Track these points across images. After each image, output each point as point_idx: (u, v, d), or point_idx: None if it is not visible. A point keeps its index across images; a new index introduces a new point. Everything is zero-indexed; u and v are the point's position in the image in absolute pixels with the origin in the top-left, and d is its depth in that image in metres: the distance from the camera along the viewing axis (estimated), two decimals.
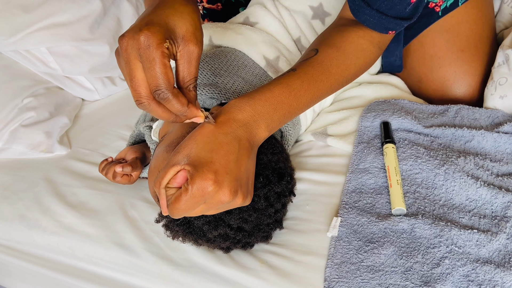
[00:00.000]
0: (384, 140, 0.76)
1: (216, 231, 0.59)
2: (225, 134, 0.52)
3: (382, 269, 0.60)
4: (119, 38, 0.47)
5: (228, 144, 0.51)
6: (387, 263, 0.61)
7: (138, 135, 0.83)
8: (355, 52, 0.66)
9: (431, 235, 0.63)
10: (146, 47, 0.45)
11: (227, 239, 0.61)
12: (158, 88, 0.46)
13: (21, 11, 0.90)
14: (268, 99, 0.56)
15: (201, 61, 0.75)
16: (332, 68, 0.63)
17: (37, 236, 0.74)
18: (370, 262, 0.61)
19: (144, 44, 0.45)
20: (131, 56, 0.46)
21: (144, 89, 0.47)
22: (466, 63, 0.88)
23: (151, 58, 0.45)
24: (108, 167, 0.76)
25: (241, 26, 0.81)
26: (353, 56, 0.66)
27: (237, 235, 0.61)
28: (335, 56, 0.64)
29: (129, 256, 0.69)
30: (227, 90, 0.71)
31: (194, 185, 0.48)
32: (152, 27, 0.46)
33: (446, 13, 0.88)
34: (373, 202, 0.69)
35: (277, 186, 0.61)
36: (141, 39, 0.45)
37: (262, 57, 0.78)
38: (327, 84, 0.63)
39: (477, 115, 0.80)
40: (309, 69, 0.61)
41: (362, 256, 0.62)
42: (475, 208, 0.67)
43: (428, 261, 0.60)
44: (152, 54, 0.45)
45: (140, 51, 0.46)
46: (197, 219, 0.58)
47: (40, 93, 0.94)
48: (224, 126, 0.53)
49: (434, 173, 0.71)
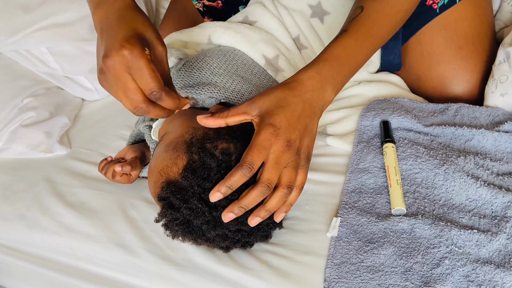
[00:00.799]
0: (384, 140, 0.76)
1: (214, 231, 0.59)
2: (293, 96, 0.59)
3: (382, 269, 0.60)
4: (103, 59, 0.52)
5: (295, 104, 0.58)
6: (387, 263, 0.61)
7: (138, 134, 0.83)
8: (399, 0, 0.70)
9: (431, 235, 0.62)
10: (133, 59, 0.51)
11: (226, 239, 0.61)
12: (153, 90, 0.53)
13: (21, 11, 0.90)
14: (332, 64, 0.62)
15: (200, 61, 0.75)
16: (380, 20, 0.68)
17: (37, 236, 0.74)
18: (370, 262, 0.61)
19: (130, 57, 0.51)
20: (120, 71, 0.52)
21: (140, 95, 0.53)
22: (464, 60, 0.88)
23: (140, 67, 0.51)
24: (108, 166, 0.76)
25: (240, 25, 0.81)
26: (398, 4, 0.70)
27: (236, 235, 0.61)
28: (381, 8, 0.68)
29: (129, 256, 0.69)
30: (226, 89, 0.71)
31: (259, 134, 0.55)
32: (131, 41, 0.52)
33: (443, 10, 0.87)
34: (373, 202, 0.69)
35: None
36: (126, 54, 0.51)
37: (262, 56, 0.78)
38: (378, 36, 0.68)
39: (477, 114, 0.80)
40: (360, 27, 0.67)
41: (362, 256, 0.62)
42: (475, 208, 0.66)
43: (428, 261, 0.60)
44: (140, 63, 0.51)
45: (128, 64, 0.51)
46: (197, 218, 0.58)
47: (40, 93, 0.95)
48: (294, 89, 0.60)
49: (434, 173, 0.70)
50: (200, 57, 0.76)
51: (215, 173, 0.57)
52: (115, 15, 0.56)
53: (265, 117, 0.57)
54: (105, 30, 0.55)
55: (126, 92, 0.53)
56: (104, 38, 0.55)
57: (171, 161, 0.61)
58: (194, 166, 0.58)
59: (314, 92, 0.60)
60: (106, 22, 0.56)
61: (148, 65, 0.52)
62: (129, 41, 0.52)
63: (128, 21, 0.55)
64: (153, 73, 0.52)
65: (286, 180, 0.57)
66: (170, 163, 0.60)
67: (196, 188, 0.57)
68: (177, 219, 0.60)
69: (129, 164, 0.73)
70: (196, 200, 0.57)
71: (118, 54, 0.51)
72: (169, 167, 0.60)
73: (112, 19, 0.56)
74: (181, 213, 0.59)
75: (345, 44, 0.64)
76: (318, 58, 0.63)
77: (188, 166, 0.58)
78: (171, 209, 0.59)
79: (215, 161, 0.58)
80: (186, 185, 0.58)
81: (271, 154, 0.56)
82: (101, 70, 0.54)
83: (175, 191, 0.58)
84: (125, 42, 0.51)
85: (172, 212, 0.59)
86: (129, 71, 0.52)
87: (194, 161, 0.59)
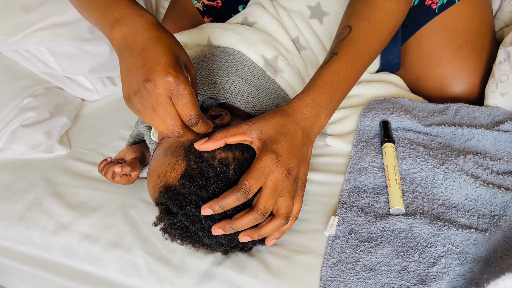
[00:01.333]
0: (383, 140, 0.76)
1: (209, 238, 0.59)
2: (292, 124, 0.60)
3: (378, 268, 0.60)
4: (145, 83, 0.51)
5: (294, 132, 0.60)
6: (383, 262, 0.61)
7: (138, 135, 0.83)
8: (386, 17, 0.71)
9: (429, 234, 0.62)
10: (178, 86, 0.51)
11: (223, 245, 0.62)
12: (191, 117, 0.53)
13: (21, 11, 0.90)
14: (325, 91, 0.64)
15: (200, 62, 0.75)
16: (369, 40, 0.69)
17: (36, 236, 0.74)
18: (366, 261, 0.61)
19: (176, 84, 0.51)
20: (162, 96, 0.51)
21: (178, 121, 0.54)
22: (463, 60, 0.88)
23: (184, 94, 0.52)
24: (107, 167, 0.76)
25: (239, 26, 0.81)
26: (385, 21, 0.71)
27: (232, 242, 0.61)
28: (369, 27, 0.70)
29: (128, 256, 0.69)
30: (225, 90, 0.71)
31: (260, 160, 0.56)
32: (176, 68, 0.52)
33: (442, 10, 0.87)
34: (372, 201, 0.69)
35: None
36: (171, 80, 0.51)
37: (261, 57, 0.78)
38: (368, 56, 0.70)
39: (477, 114, 0.80)
40: (350, 49, 0.68)
41: (359, 255, 0.62)
42: (474, 208, 0.66)
43: (424, 260, 0.60)
44: (184, 91, 0.52)
45: (172, 91, 0.51)
46: (193, 224, 0.58)
47: (40, 93, 0.95)
48: (293, 117, 0.61)
49: (433, 172, 0.70)
50: (199, 58, 0.76)
51: (212, 183, 0.57)
52: (146, 36, 0.54)
53: (267, 143, 0.57)
54: (137, 51, 0.53)
55: (165, 117, 0.53)
56: (138, 60, 0.53)
57: (169, 166, 0.61)
58: (192, 174, 0.58)
59: (310, 120, 0.62)
60: (134, 40, 0.54)
61: (191, 93, 0.52)
62: (174, 67, 0.51)
63: (165, 44, 0.54)
64: (194, 100, 0.53)
65: (284, 211, 0.58)
66: (168, 168, 0.61)
67: (193, 197, 0.58)
68: (174, 224, 0.60)
69: (128, 165, 0.74)
70: (193, 207, 0.58)
71: (163, 80, 0.51)
72: (167, 172, 0.61)
73: (143, 39, 0.54)
74: (178, 219, 0.59)
75: (337, 70, 0.66)
76: (312, 85, 0.65)
77: (186, 173, 0.59)
78: (168, 214, 0.60)
79: (213, 171, 0.58)
80: (183, 192, 0.59)
81: (270, 182, 0.56)
82: (137, 92, 0.53)
83: (172, 196, 0.59)
84: (170, 68, 0.51)
85: (169, 217, 0.60)
86: (171, 97, 0.52)
87: (192, 169, 0.59)
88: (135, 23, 0.55)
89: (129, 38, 0.55)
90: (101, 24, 0.59)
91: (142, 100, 0.53)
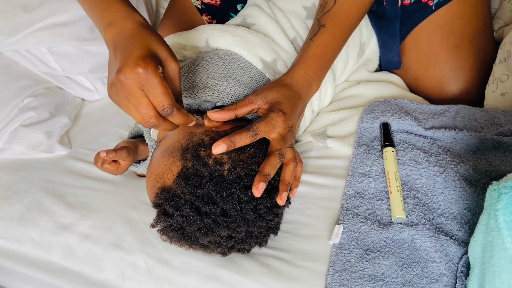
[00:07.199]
0: (384, 143, 0.76)
1: (206, 238, 0.59)
2: (292, 91, 0.68)
3: (383, 279, 0.60)
4: (117, 74, 0.54)
5: (294, 97, 0.68)
6: (388, 273, 0.61)
7: (137, 131, 0.84)
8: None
9: (431, 248, 0.62)
10: (147, 77, 0.53)
11: (220, 245, 0.62)
12: (164, 107, 0.55)
13: (21, 11, 0.90)
14: (316, 63, 0.72)
15: (196, 65, 0.75)
16: (352, 10, 0.75)
17: (36, 236, 0.74)
18: (371, 271, 0.61)
19: (145, 75, 0.53)
20: (133, 87, 0.54)
21: (152, 110, 0.55)
22: (461, 59, 0.88)
23: (154, 84, 0.54)
24: (98, 156, 0.76)
25: (237, 28, 0.80)
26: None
27: (229, 243, 0.61)
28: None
29: (128, 257, 0.69)
30: (220, 92, 0.71)
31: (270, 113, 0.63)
32: (145, 59, 0.54)
33: (439, 7, 0.87)
34: (374, 208, 0.69)
35: (266, 200, 0.61)
36: (140, 71, 0.53)
37: (259, 59, 0.78)
38: (351, 26, 0.76)
39: (477, 116, 0.79)
40: (336, 21, 0.74)
41: (364, 265, 0.62)
42: (471, 219, 0.66)
43: (427, 274, 0.60)
44: (153, 81, 0.54)
45: (142, 81, 0.54)
46: (189, 225, 0.59)
47: (40, 93, 0.94)
48: (291, 86, 0.69)
49: (433, 180, 0.70)
50: (196, 61, 0.76)
51: (206, 181, 0.58)
52: (129, 34, 0.58)
53: (274, 104, 0.65)
54: (119, 48, 0.57)
55: (138, 107, 0.55)
56: (118, 55, 0.56)
57: (166, 167, 0.62)
58: (187, 173, 0.59)
59: (305, 89, 0.70)
60: (119, 40, 0.58)
61: (161, 83, 0.54)
62: (143, 59, 0.54)
63: (142, 40, 0.57)
64: (165, 90, 0.55)
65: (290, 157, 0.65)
66: (165, 169, 0.62)
67: (188, 196, 0.58)
68: (171, 225, 0.60)
69: (114, 151, 0.73)
70: (188, 208, 0.58)
71: (133, 71, 0.53)
72: (164, 173, 0.61)
73: (126, 38, 0.58)
74: (175, 220, 0.59)
75: (325, 42, 0.73)
76: (304, 57, 0.72)
77: (182, 173, 0.59)
78: (165, 216, 0.60)
79: (208, 170, 0.59)
80: (179, 192, 0.59)
81: (276, 134, 0.63)
82: (112, 84, 0.55)
83: (168, 198, 0.59)
84: (139, 60, 0.53)
85: (166, 219, 0.60)
86: (142, 88, 0.54)
87: (187, 168, 0.59)
88: (123, 25, 0.59)
89: (115, 39, 0.59)
90: (98, 26, 0.63)
91: (116, 91, 0.56)
